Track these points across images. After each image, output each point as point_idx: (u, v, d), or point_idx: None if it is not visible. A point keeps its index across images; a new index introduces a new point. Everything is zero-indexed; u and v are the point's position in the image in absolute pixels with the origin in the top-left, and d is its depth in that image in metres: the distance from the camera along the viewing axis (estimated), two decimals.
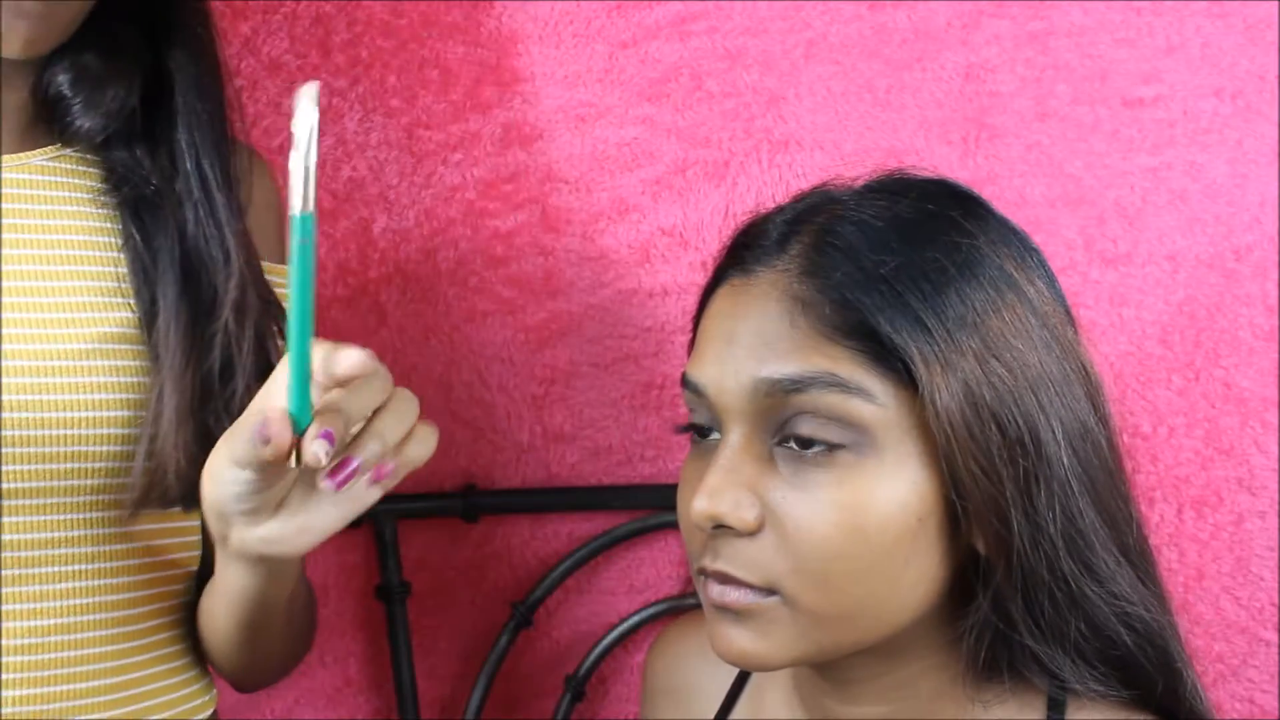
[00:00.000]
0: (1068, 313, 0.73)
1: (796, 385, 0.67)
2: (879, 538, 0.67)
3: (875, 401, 0.67)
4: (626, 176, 1.15)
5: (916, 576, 0.69)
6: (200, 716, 0.88)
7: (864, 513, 0.67)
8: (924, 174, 0.75)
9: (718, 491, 0.69)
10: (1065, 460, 0.68)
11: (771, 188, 1.14)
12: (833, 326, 0.67)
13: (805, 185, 1.12)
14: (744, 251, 0.74)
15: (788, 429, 0.68)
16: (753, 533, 0.69)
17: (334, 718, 1.22)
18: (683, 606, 1.17)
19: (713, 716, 0.84)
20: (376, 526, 1.17)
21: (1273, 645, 1.14)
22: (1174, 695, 0.72)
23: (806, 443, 0.67)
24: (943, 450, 0.66)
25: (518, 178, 1.16)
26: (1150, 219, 1.13)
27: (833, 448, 0.67)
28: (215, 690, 0.92)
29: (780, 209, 0.75)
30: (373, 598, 1.18)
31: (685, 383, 0.73)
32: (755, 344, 0.69)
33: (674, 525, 1.17)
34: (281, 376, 0.64)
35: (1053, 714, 0.72)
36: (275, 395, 0.64)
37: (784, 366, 0.68)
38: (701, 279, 1.14)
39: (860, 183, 0.75)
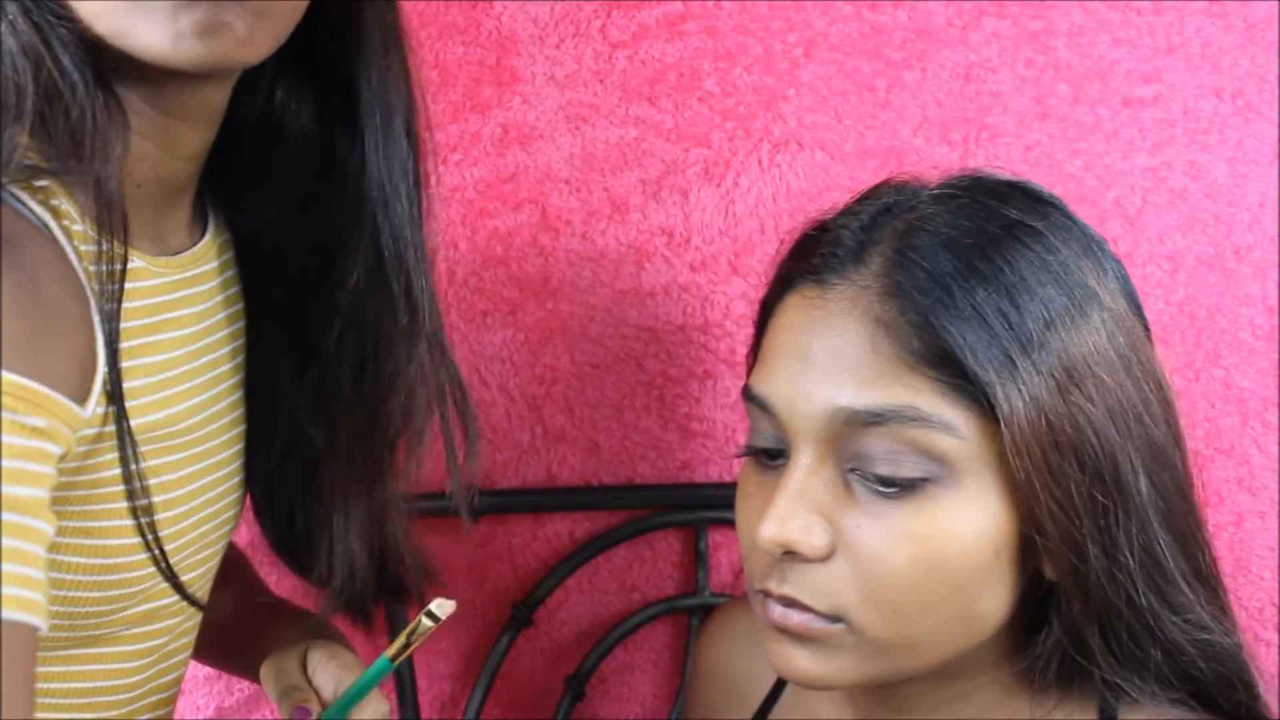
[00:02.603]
0: (1145, 325, 0.71)
1: (877, 418, 0.65)
2: (955, 569, 0.65)
3: (956, 434, 0.64)
4: (625, 176, 1.15)
5: (987, 606, 0.67)
6: None
7: (941, 545, 0.65)
8: (1002, 175, 0.72)
9: (787, 516, 0.66)
10: (1144, 490, 0.66)
11: (770, 188, 1.14)
12: (914, 354, 0.64)
13: (804, 185, 1.15)
14: (815, 259, 0.70)
15: (865, 463, 0.66)
16: (823, 559, 0.66)
17: None
18: (682, 606, 1.17)
19: (758, 706, 0.83)
20: None
21: (1273, 645, 1.14)
22: (1251, 715, 0.71)
23: (886, 481, 0.65)
24: (1021, 485, 0.64)
25: (516, 178, 1.16)
26: (1150, 219, 1.13)
27: (912, 482, 0.65)
28: None
29: (851, 212, 0.71)
30: None
31: (751, 396, 0.70)
32: (833, 367, 0.66)
33: (673, 525, 1.18)
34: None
35: (1104, 715, 0.71)
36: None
37: (864, 396, 0.65)
38: (701, 279, 1.16)
39: (935, 183, 0.72)
